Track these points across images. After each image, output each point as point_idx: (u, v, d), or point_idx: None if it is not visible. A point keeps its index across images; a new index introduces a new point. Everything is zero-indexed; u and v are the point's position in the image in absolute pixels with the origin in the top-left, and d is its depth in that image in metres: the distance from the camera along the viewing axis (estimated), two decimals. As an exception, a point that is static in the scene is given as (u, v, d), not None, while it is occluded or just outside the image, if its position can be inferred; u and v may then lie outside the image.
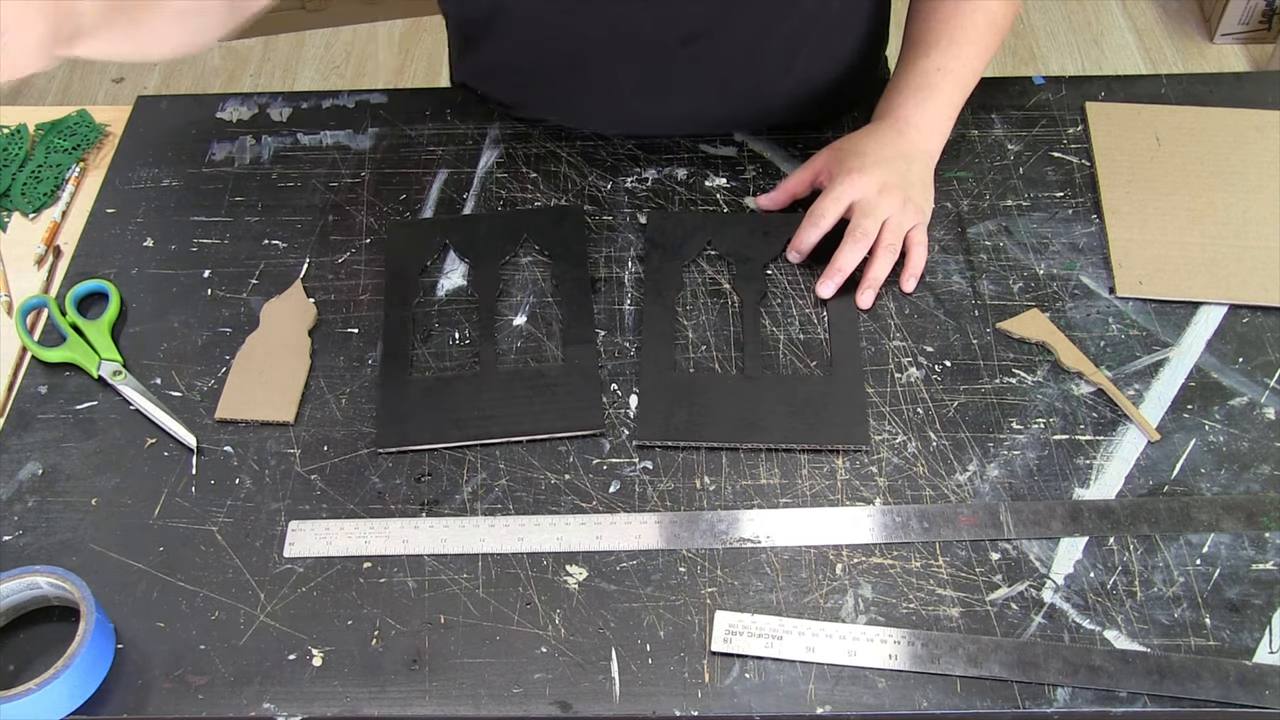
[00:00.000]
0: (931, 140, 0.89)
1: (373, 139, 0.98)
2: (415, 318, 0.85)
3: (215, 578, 0.72)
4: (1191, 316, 0.84)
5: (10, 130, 1.00)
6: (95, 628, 0.66)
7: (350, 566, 0.73)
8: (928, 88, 0.88)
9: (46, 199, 0.95)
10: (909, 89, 0.88)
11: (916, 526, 0.73)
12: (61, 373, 0.83)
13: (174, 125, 1.00)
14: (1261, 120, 0.95)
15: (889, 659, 0.68)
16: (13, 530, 0.75)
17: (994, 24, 0.89)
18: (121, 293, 0.87)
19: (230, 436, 0.79)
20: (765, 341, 0.83)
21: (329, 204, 0.93)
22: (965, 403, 0.79)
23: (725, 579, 0.72)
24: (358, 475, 0.77)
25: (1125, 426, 0.78)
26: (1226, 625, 0.69)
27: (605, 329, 0.84)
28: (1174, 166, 0.92)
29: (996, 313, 0.84)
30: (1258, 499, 0.74)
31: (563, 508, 0.75)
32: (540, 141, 0.97)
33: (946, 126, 0.89)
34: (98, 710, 0.67)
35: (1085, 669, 0.67)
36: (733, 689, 0.67)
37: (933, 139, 0.89)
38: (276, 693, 0.68)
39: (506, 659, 0.69)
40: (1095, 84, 1.00)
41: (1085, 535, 0.73)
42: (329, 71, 2.32)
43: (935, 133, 0.89)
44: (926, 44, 0.89)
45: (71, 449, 0.79)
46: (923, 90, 0.88)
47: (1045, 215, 0.90)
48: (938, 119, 0.88)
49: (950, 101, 0.89)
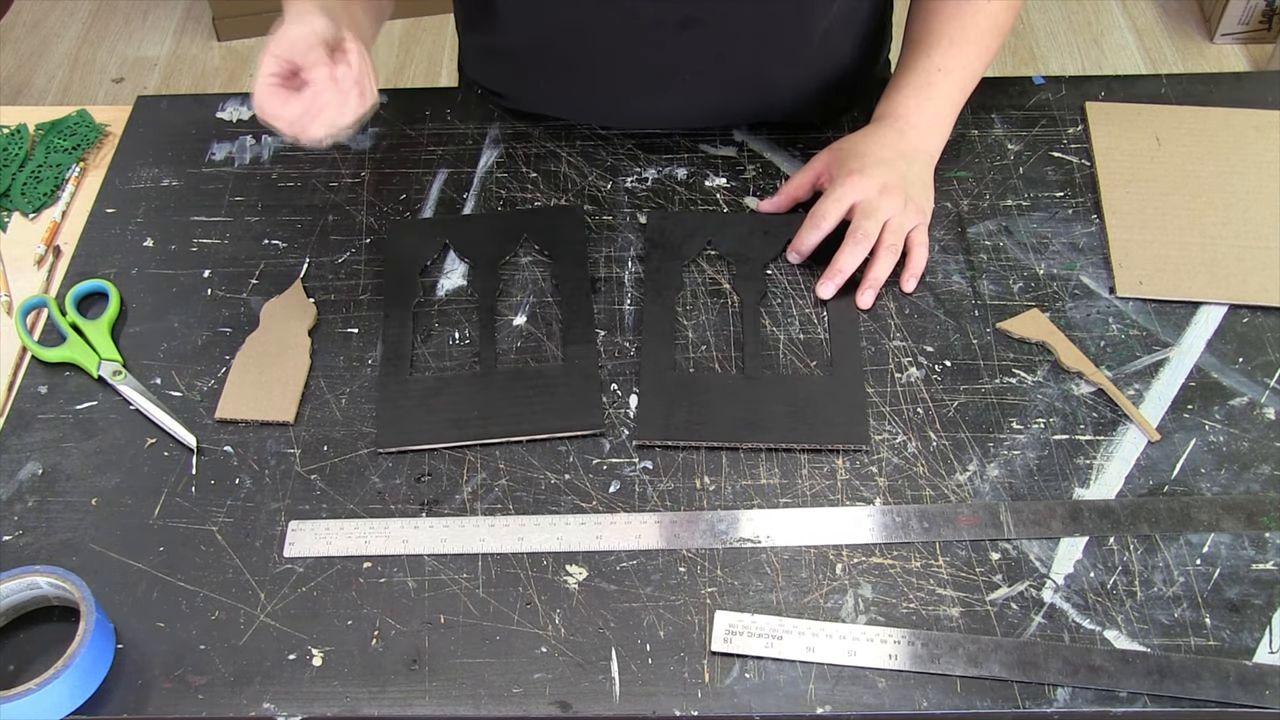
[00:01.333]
0: (931, 140, 0.89)
1: (373, 139, 0.98)
2: (415, 318, 0.85)
3: (215, 578, 0.72)
4: (1191, 316, 0.84)
5: (10, 130, 1.00)
6: (95, 628, 0.66)
7: (350, 566, 0.73)
8: (928, 87, 0.88)
9: (46, 199, 0.95)
10: (909, 89, 0.89)
11: (916, 526, 0.73)
12: (61, 373, 0.83)
13: (174, 125, 1.00)
14: (1261, 120, 0.95)
15: (889, 659, 0.68)
16: (13, 530, 0.75)
17: (995, 25, 0.89)
18: (121, 293, 0.87)
19: (230, 436, 0.79)
20: (765, 341, 0.83)
21: (329, 204, 0.93)
22: (965, 403, 0.79)
23: (725, 579, 0.72)
24: (358, 475, 0.77)
25: (1125, 426, 0.78)
26: (1226, 625, 0.69)
27: (605, 329, 0.84)
28: (1174, 166, 0.92)
29: (996, 313, 0.84)
30: (1258, 499, 0.74)
31: (563, 508, 0.75)
32: (540, 141, 0.97)
33: (946, 127, 0.89)
34: (98, 710, 0.67)
35: (1085, 669, 0.67)
36: (733, 689, 0.67)
37: (933, 139, 0.89)
38: (276, 693, 0.68)
39: (506, 659, 0.69)
40: (1095, 84, 1.00)
41: (1085, 535, 0.73)
42: (329, 71, 2.32)
43: (935, 133, 0.89)
44: (927, 44, 0.89)
45: (71, 449, 0.79)
46: (923, 90, 0.88)
47: (1045, 215, 0.90)
48: (938, 119, 0.89)
49: (950, 101, 0.89)
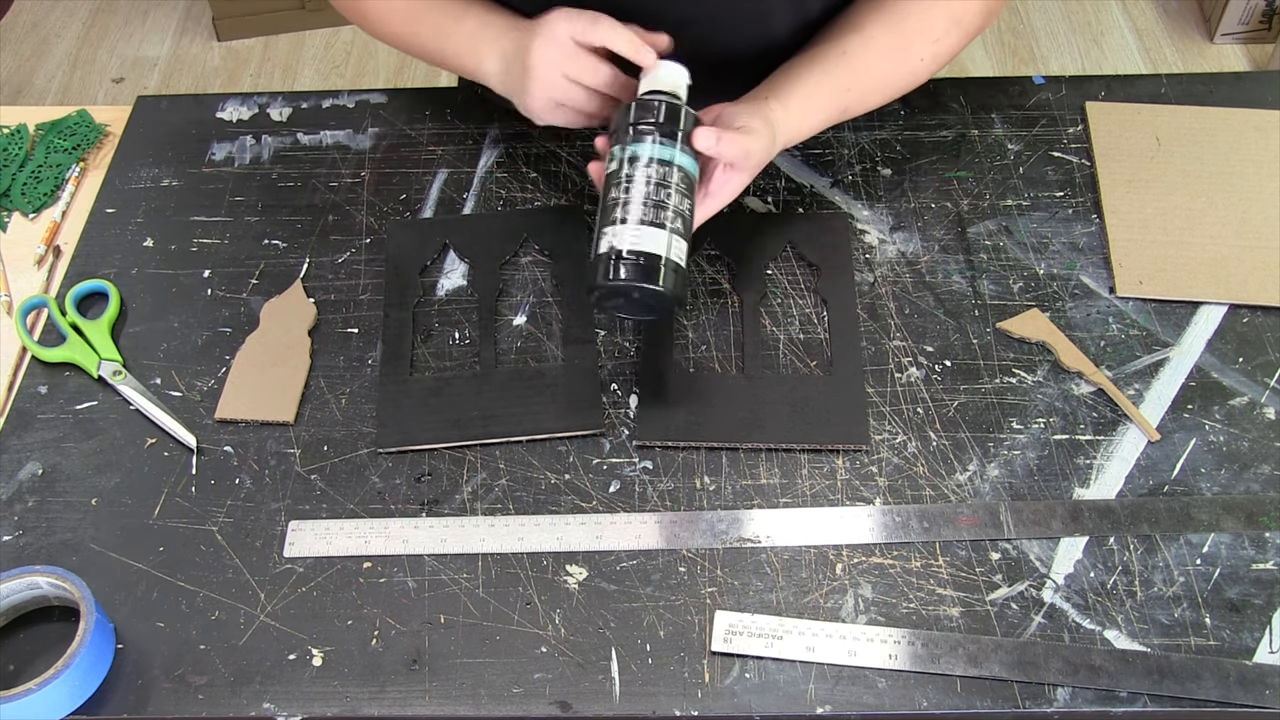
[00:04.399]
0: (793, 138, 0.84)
1: (373, 139, 0.98)
2: (415, 318, 0.85)
3: (215, 578, 0.72)
4: (1191, 316, 0.84)
5: (10, 130, 1.00)
6: (95, 628, 0.66)
7: (350, 566, 0.73)
8: (828, 99, 0.83)
9: (46, 199, 0.95)
10: (803, 89, 0.83)
11: (916, 526, 0.73)
12: (61, 373, 0.83)
13: (174, 125, 1.00)
14: (1261, 120, 0.95)
15: (889, 659, 0.68)
16: (13, 530, 0.75)
17: (913, 80, 0.86)
18: (121, 293, 0.87)
19: (230, 436, 0.79)
20: (765, 341, 0.83)
21: (329, 204, 0.93)
22: (965, 403, 0.79)
23: (725, 579, 0.72)
24: (358, 475, 0.77)
25: (1125, 426, 0.78)
26: (1226, 625, 0.69)
27: (605, 329, 0.84)
28: (1174, 166, 0.92)
29: (996, 313, 0.84)
30: (1258, 499, 0.74)
31: (563, 508, 0.75)
32: (540, 141, 0.97)
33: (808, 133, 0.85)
34: (98, 710, 0.67)
35: (1085, 669, 0.67)
36: (733, 689, 0.67)
37: (795, 137, 0.84)
38: (276, 693, 0.68)
39: (506, 659, 0.69)
40: (1095, 84, 1.00)
41: (1085, 535, 0.73)
42: (329, 71, 2.32)
43: (800, 134, 0.84)
44: (850, 50, 0.84)
45: (71, 449, 0.79)
46: (818, 101, 0.83)
47: (1045, 215, 0.90)
48: (807, 128, 0.83)
49: (828, 120, 0.84)
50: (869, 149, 0.95)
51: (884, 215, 0.90)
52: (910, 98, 0.98)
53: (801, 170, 0.94)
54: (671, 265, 0.71)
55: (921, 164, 0.94)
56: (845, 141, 0.96)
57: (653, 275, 0.70)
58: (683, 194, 0.73)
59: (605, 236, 0.72)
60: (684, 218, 0.73)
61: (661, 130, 0.74)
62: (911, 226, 0.90)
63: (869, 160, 0.94)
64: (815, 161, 0.94)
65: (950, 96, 0.99)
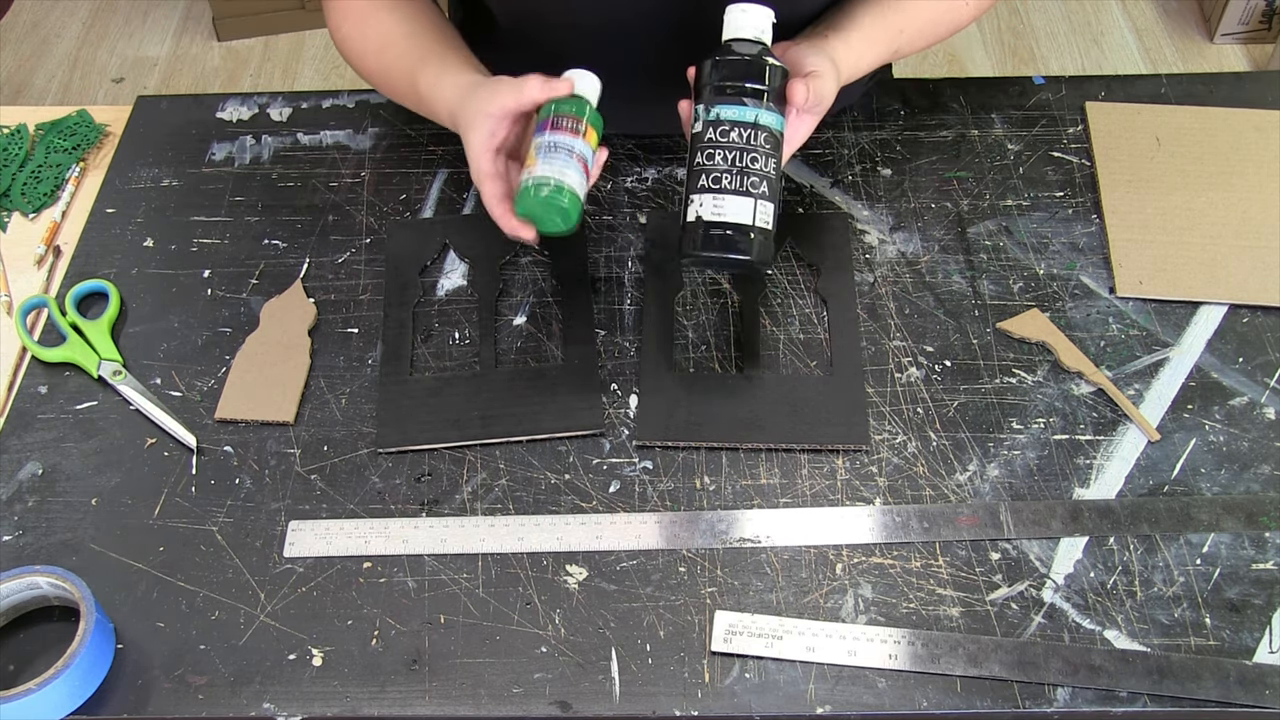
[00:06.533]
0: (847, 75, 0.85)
1: (373, 139, 0.98)
2: (415, 318, 0.85)
3: (215, 578, 0.72)
4: (1191, 316, 0.84)
5: (10, 130, 1.00)
6: (95, 628, 0.66)
7: (350, 566, 0.73)
8: (882, 43, 0.85)
9: (46, 199, 0.95)
10: (861, 31, 0.85)
11: (916, 526, 0.73)
12: (61, 373, 0.83)
13: (174, 125, 1.00)
14: (1261, 120, 0.95)
15: (889, 659, 0.68)
16: (13, 530, 0.75)
17: (954, 23, 0.88)
18: (121, 293, 0.87)
19: (230, 436, 0.79)
20: (765, 341, 0.83)
21: (329, 204, 0.93)
22: (965, 403, 0.79)
23: (725, 579, 0.72)
24: (358, 475, 0.77)
25: (1125, 426, 0.78)
26: (1226, 625, 0.69)
27: (605, 329, 0.84)
28: (1174, 166, 0.92)
29: (996, 313, 0.84)
30: (1258, 499, 0.74)
31: (563, 508, 0.75)
32: (540, 141, 0.97)
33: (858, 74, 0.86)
34: (98, 710, 0.67)
35: (1085, 669, 0.67)
36: (733, 689, 0.67)
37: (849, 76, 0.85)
38: (276, 693, 0.68)
39: (506, 659, 0.69)
40: (1095, 84, 1.00)
41: (1085, 535, 0.73)
42: (329, 71, 2.32)
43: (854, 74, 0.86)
44: None
45: (71, 449, 0.79)
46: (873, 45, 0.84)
47: (1045, 215, 0.90)
48: (859, 69, 0.85)
49: (877, 62, 0.86)
50: (869, 149, 0.95)
51: (884, 215, 0.91)
52: (910, 97, 0.99)
53: (801, 170, 0.94)
54: (759, 232, 0.72)
55: (921, 164, 0.94)
56: (845, 141, 0.96)
57: (739, 245, 0.72)
58: (768, 154, 0.73)
59: (692, 204, 0.73)
60: (769, 180, 0.73)
61: (745, 93, 0.73)
62: (911, 226, 0.90)
63: (869, 160, 0.94)
64: (815, 161, 0.94)
65: (950, 96, 0.99)
